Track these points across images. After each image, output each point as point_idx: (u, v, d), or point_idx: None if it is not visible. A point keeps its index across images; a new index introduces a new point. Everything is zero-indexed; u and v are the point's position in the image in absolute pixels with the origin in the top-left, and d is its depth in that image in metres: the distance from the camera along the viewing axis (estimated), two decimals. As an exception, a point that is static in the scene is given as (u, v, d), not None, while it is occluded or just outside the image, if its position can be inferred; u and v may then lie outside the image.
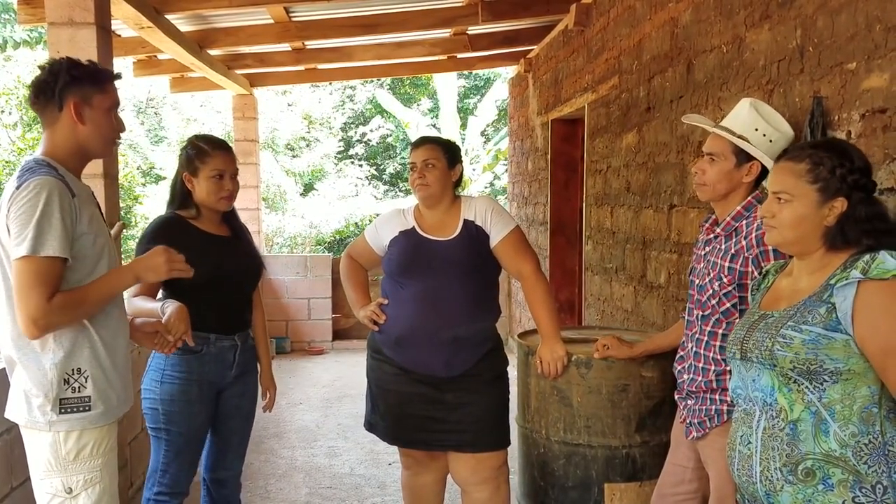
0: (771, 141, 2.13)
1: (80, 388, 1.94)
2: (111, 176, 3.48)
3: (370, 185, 14.80)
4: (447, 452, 2.79)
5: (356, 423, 4.41)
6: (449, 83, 12.87)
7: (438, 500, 2.96)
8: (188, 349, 2.38)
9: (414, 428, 2.72)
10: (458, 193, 2.80)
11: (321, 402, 5.70)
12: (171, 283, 2.35)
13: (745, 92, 2.76)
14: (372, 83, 15.17)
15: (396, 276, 2.71)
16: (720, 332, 2.12)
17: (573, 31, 5.09)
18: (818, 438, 1.53)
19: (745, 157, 2.12)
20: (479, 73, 14.67)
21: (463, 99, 15.42)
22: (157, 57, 6.03)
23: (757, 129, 2.14)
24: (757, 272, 2.01)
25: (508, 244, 2.68)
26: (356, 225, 12.42)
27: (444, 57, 6.80)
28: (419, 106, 15.64)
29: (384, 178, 15.76)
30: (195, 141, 2.60)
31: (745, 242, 2.07)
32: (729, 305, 2.10)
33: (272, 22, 5.28)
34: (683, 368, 2.24)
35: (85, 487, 1.96)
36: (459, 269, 2.64)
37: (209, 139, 2.63)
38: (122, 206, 5.52)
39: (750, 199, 2.12)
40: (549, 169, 5.94)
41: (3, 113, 10.06)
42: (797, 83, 2.45)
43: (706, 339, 2.15)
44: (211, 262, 2.42)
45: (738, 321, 1.92)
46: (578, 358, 2.66)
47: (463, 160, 2.84)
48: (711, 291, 2.13)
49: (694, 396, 2.19)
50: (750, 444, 1.63)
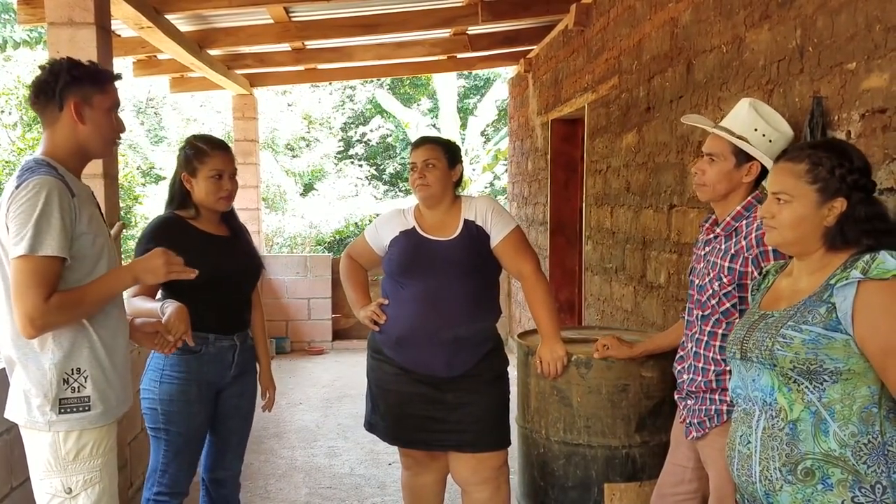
0: (770, 141, 2.13)
1: (79, 388, 1.94)
2: (111, 176, 3.48)
3: (370, 185, 14.80)
4: (447, 452, 2.79)
5: (356, 423, 4.40)
6: (449, 83, 12.87)
7: (438, 500, 2.96)
8: (187, 349, 2.38)
9: (414, 428, 2.72)
10: (458, 193, 2.80)
11: (321, 402, 5.70)
12: (170, 283, 2.35)
13: (744, 92, 2.76)
14: (372, 83, 15.17)
15: (397, 276, 2.71)
16: (720, 332, 2.12)
17: (573, 31, 5.09)
18: (818, 438, 1.53)
19: (744, 157, 2.12)
20: (479, 73, 14.67)
21: (463, 99, 15.42)
22: (156, 57, 6.03)
23: (756, 129, 2.14)
24: (757, 272, 2.01)
25: (509, 244, 2.68)
26: (356, 225, 12.42)
27: (444, 57, 6.80)
28: (419, 106, 15.64)
29: (384, 178, 15.77)
30: (193, 141, 2.60)
31: (744, 242, 2.07)
32: (729, 305, 2.10)
33: (272, 22, 5.28)
34: (683, 368, 2.24)
35: (84, 487, 1.96)
36: (460, 269, 2.64)
37: (207, 139, 2.63)
38: (121, 206, 5.52)
39: (750, 199, 2.12)
40: (548, 169, 5.94)
41: (3, 113, 10.07)
42: (797, 83, 2.45)
43: (706, 339, 2.15)
44: (210, 262, 2.42)
45: (738, 321, 1.92)
46: (578, 358, 2.66)
47: (463, 160, 2.84)
48: (711, 291, 2.13)
49: (694, 396, 2.19)
50: (749, 443, 1.63)
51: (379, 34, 5.64)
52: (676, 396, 2.29)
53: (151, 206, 10.46)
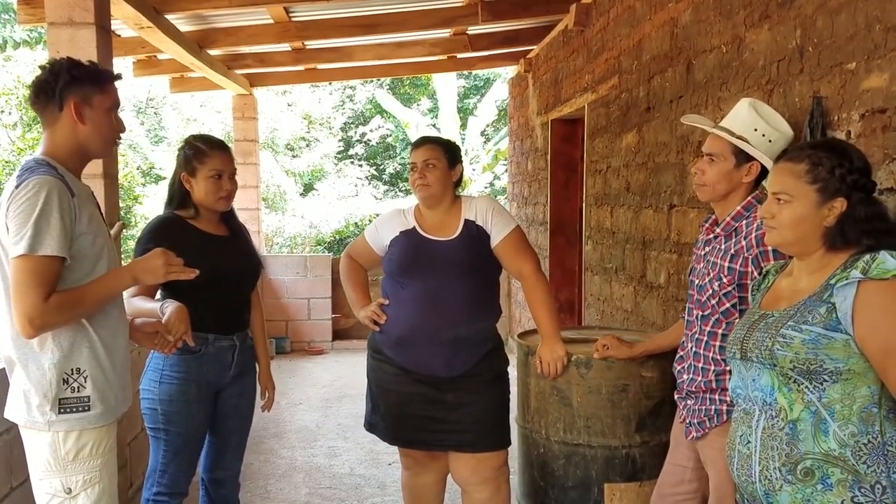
0: (770, 141, 2.13)
1: (79, 388, 1.94)
2: (111, 176, 3.48)
3: (370, 185, 14.80)
4: (447, 452, 2.79)
5: (356, 423, 4.40)
6: (449, 83, 12.87)
7: (438, 500, 2.96)
8: (187, 349, 2.38)
9: (414, 428, 2.72)
10: (458, 193, 2.80)
11: (321, 402, 5.70)
12: (169, 282, 2.35)
13: (744, 92, 2.76)
14: (372, 83, 15.17)
15: (397, 276, 2.71)
16: (720, 332, 2.12)
17: (573, 31, 5.09)
18: (817, 438, 1.53)
19: (744, 157, 2.12)
20: (478, 73, 14.67)
21: (463, 99, 15.42)
22: (156, 57, 6.03)
23: (756, 129, 2.14)
24: (757, 272, 2.01)
25: (509, 244, 2.68)
26: (356, 225, 12.42)
27: (444, 57, 6.80)
28: (419, 106, 15.64)
29: (384, 178, 15.77)
30: (193, 141, 2.59)
31: (744, 242, 2.07)
32: (729, 305, 2.10)
33: (272, 22, 5.28)
34: (683, 368, 2.24)
35: (84, 487, 1.96)
36: (460, 269, 2.64)
37: (207, 139, 2.62)
38: (121, 206, 5.52)
39: (750, 199, 2.12)
40: (548, 169, 5.94)
41: (3, 113, 10.07)
42: (797, 83, 2.45)
43: (706, 339, 2.15)
44: (209, 262, 2.41)
45: (738, 321, 1.92)
46: (578, 358, 2.66)
47: (463, 160, 2.84)
48: (711, 291, 2.13)
49: (693, 396, 2.19)
50: (749, 443, 1.63)
51: (379, 34, 5.64)
52: (676, 396, 2.29)
53: (151, 206, 10.47)
